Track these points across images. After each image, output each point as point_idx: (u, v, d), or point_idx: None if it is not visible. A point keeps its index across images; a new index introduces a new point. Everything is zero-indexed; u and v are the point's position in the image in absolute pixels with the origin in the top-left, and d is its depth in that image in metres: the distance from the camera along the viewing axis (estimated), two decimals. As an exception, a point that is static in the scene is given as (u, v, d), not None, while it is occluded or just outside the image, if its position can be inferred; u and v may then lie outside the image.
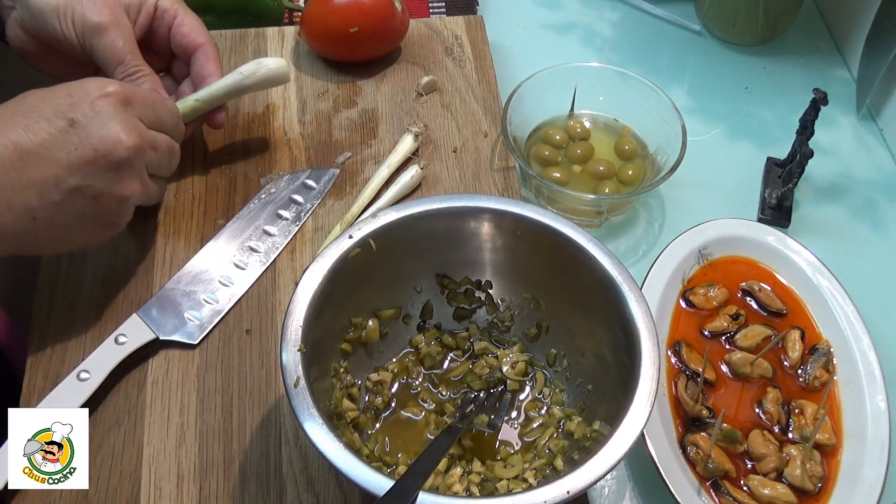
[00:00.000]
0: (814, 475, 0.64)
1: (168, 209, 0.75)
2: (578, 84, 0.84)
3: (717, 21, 0.97)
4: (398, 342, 0.67)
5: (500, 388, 0.65)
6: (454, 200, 0.63)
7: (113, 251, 0.72)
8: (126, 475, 0.61)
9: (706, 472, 0.63)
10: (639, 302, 0.58)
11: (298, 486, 0.61)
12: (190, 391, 0.65)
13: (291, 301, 0.57)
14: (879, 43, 0.87)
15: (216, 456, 0.63)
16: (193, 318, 0.69)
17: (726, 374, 0.69)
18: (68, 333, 0.68)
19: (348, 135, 0.82)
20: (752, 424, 0.67)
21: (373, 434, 0.63)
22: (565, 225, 0.61)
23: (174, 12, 0.75)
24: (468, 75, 0.87)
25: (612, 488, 0.66)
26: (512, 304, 0.67)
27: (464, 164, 0.80)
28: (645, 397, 0.54)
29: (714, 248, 0.75)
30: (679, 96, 0.89)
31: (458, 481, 0.59)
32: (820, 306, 0.72)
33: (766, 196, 0.83)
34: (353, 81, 0.86)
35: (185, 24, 0.75)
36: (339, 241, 0.60)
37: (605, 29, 0.99)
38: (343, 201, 0.77)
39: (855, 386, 0.68)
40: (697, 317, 0.72)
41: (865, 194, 0.85)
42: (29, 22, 0.70)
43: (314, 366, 0.56)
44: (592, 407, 0.62)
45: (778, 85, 0.94)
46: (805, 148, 0.78)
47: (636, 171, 0.81)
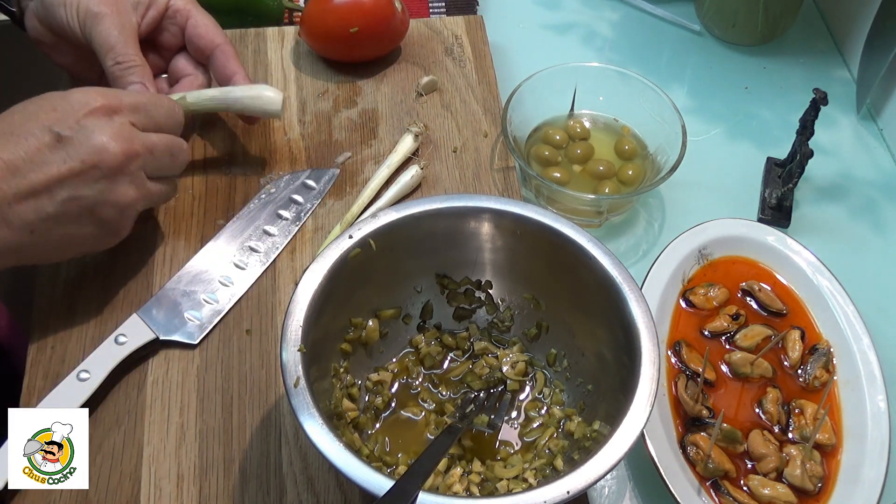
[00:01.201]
0: (814, 475, 0.64)
1: (168, 209, 0.75)
2: (578, 84, 0.84)
3: (717, 21, 0.97)
4: (398, 342, 0.67)
5: (500, 388, 0.65)
6: (454, 200, 0.63)
7: (113, 251, 0.72)
8: (126, 475, 0.61)
9: (706, 472, 0.63)
10: (639, 302, 0.58)
11: (298, 486, 0.61)
12: (190, 391, 0.65)
13: (291, 301, 0.57)
14: (879, 43, 0.87)
15: (216, 456, 0.63)
16: (193, 318, 0.69)
17: (726, 374, 0.69)
18: (68, 333, 0.68)
19: (348, 135, 0.82)
20: (752, 424, 0.67)
21: (373, 434, 0.63)
22: (565, 225, 0.61)
23: (187, 13, 0.75)
24: (468, 75, 0.87)
25: (612, 488, 0.66)
26: (512, 304, 0.67)
27: (464, 164, 0.80)
28: (645, 397, 0.54)
29: (714, 248, 0.75)
30: (679, 96, 0.89)
31: (458, 481, 0.59)
32: (820, 306, 0.72)
33: (766, 196, 0.83)
34: (353, 81, 0.86)
35: (200, 25, 0.75)
36: (339, 241, 0.60)
37: (605, 29, 0.99)
38: (343, 201, 0.77)
39: (855, 386, 0.68)
40: (697, 317, 0.72)
41: (865, 194, 0.85)
42: (41, 12, 0.72)
43: (314, 366, 0.56)
44: (592, 407, 0.62)
45: (778, 85, 0.94)
46: (805, 148, 0.78)
47: (636, 171, 0.81)
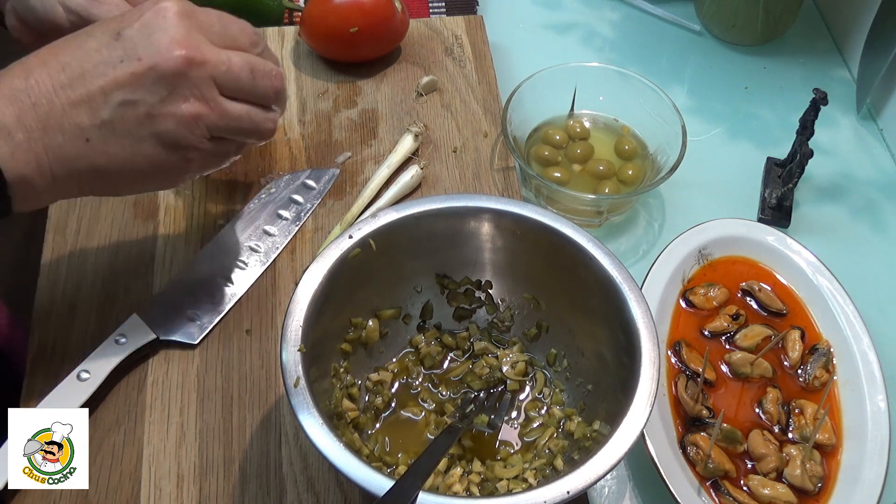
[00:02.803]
0: (814, 475, 0.64)
1: (168, 209, 0.75)
2: (578, 84, 0.84)
3: (717, 21, 0.97)
4: (398, 342, 0.67)
5: (500, 388, 0.65)
6: (454, 200, 0.63)
7: (113, 251, 0.72)
8: (126, 475, 0.61)
9: (706, 472, 0.63)
10: (639, 302, 0.58)
11: (298, 486, 0.61)
12: (190, 391, 0.65)
13: (291, 301, 0.57)
14: (879, 43, 0.87)
15: (216, 456, 0.63)
16: (194, 317, 0.69)
17: (726, 374, 0.69)
18: (68, 333, 0.68)
19: (348, 135, 0.82)
20: (752, 424, 0.67)
21: (373, 434, 0.63)
22: (565, 225, 0.61)
23: None
24: (468, 75, 0.87)
25: (612, 488, 0.66)
26: (512, 304, 0.67)
27: (464, 164, 0.80)
28: (645, 397, 0.54)
29: (714, 248, 0.75)
30: (679, 96, 0.89)
31: (458, 481, 0.59)
32: (820, 306, 0.72)
33: (766, 196, 0.83)
34: (353, 81, 0.86)
35: None
36: (339, 241, 0.60)
37: (605, 29, 0.99)
38: (343, 201, 0.77)
39: (855, 386, 0.68)
40: (697, 317, 0.72)
41: (865, 194, 0.85)
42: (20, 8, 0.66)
43: (314, 366, 0.56)
44: (592, 407, 0.62)
45: (778, 85, 0.94)
46: (805, 148, 0.78)
47: (636, 171, 0.81)
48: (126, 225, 0.74)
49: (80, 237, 0.73)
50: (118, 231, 0.74)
